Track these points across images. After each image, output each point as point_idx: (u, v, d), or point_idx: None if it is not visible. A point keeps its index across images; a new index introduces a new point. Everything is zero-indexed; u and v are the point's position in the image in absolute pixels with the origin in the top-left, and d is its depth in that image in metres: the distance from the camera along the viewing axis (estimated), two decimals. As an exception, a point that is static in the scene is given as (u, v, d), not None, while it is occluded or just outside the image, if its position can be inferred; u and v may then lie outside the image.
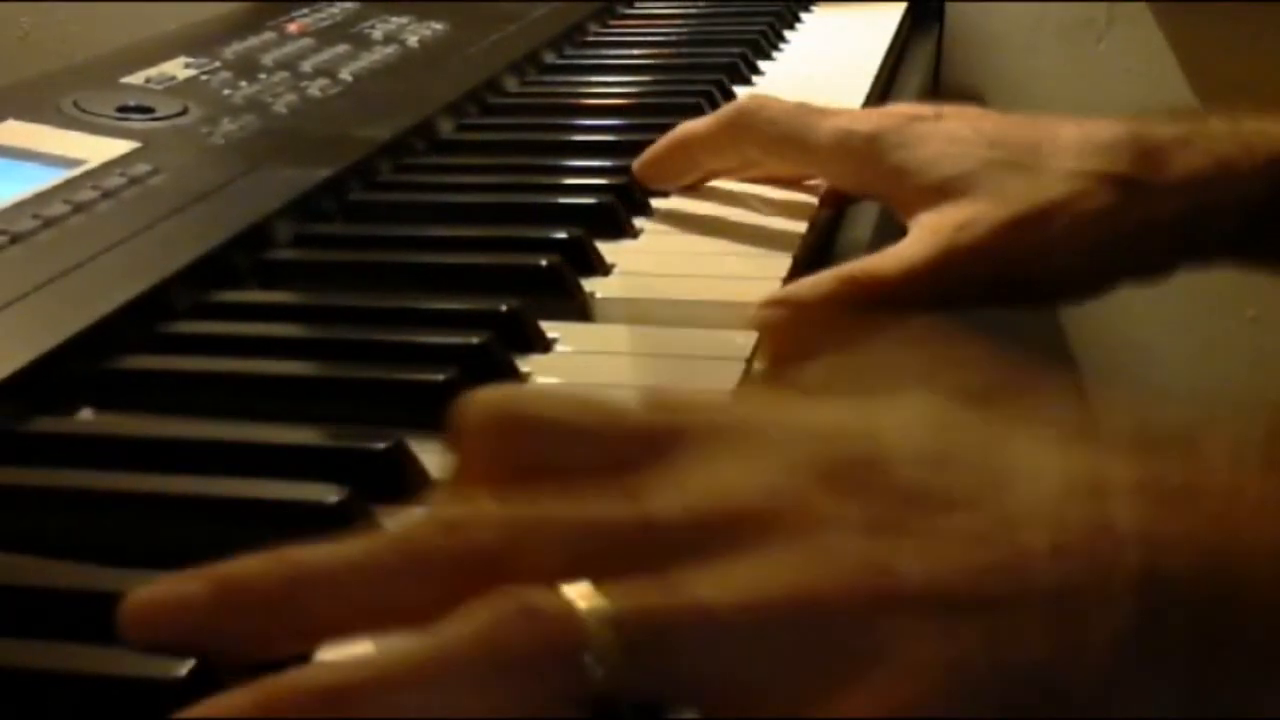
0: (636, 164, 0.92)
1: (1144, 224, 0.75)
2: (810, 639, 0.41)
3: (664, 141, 0.91)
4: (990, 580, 0.42)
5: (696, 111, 1.02)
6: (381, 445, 0.58)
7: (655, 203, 0.91)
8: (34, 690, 0.45)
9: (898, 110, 0.83)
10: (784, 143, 0.84)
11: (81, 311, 0.68)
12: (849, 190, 0.87)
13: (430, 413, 0.62)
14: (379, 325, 0.73)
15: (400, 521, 0.49)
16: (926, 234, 0.75)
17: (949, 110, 0.82)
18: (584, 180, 0.94)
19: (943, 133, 0.80)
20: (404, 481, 0.58)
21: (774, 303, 0.73)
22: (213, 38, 1.17)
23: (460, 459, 0.48)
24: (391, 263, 0.81)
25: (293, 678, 0.41)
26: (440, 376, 0.64)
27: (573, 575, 0.42)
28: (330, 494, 0.54)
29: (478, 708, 0.40)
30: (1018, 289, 0.76)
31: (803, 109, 0.84)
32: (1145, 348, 1.90)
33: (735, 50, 1.27)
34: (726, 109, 0.88)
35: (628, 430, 0.47)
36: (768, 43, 1.36)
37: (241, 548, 0.53)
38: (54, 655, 0.46)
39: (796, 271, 0.80)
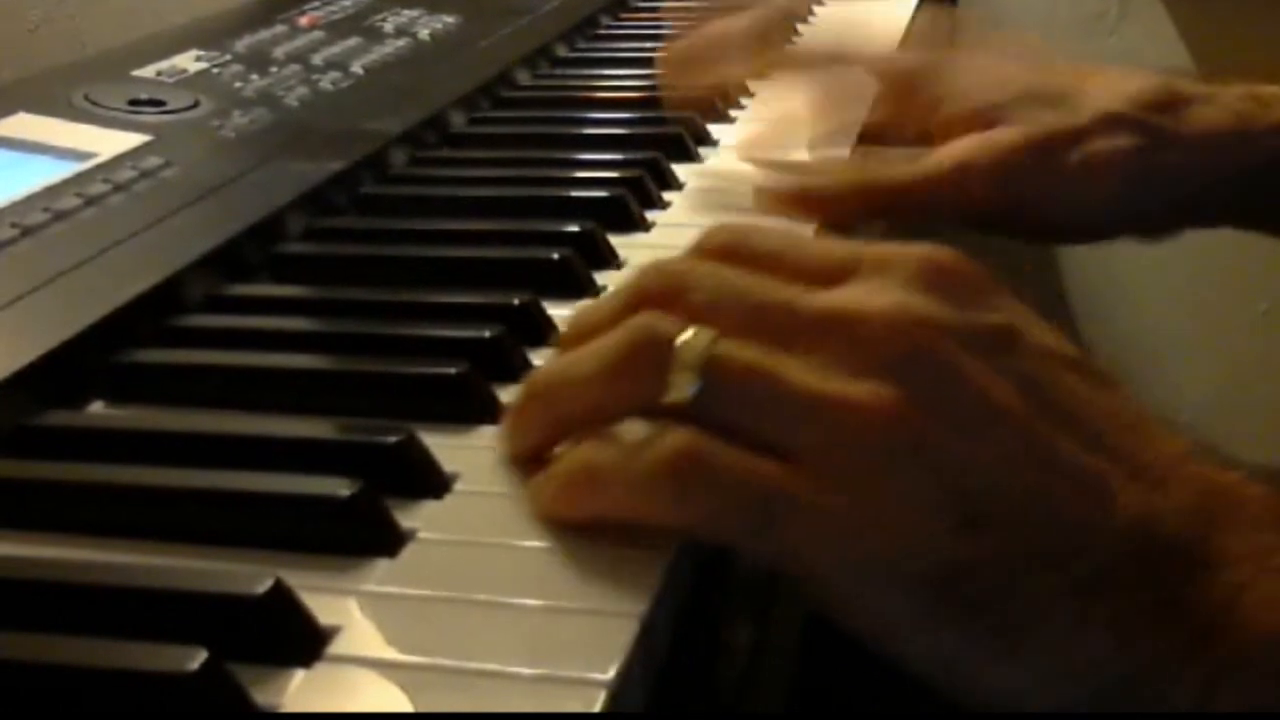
0: (661, 61, 0.94)
1: (1160, 171, 0.79)
2: (838, 436, 0.49)
3: (697, 37, 0.91)
4: (1005, 478, 0.49)
5: (707, 104, 1.02)
6: (393, 439, 0.58)
7: (668, 195, 0.91)
8: (46, 685, 0.45)
9: (936, 44, 0.86)
10: (825, 56, 0.89)
11: (93, 305, 0.68)
12: (887, 118, 0.88)
13: (442, 406, 0.62)
14: (390, 319, 0.72)
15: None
16: (945, 151, 0.79)
17: (985, 42, 0.87)
18: (596, 173, 0.93)
19: (979, 65, 0.83)
20: (416, 475, 0.58)
21: (790, 197, 0.79)
22: (224, 31, 1.17)
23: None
24: (403, 256, 0.81)
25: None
26: (452, 370, 0.64)
27: (710, 323, 0.52)
28: (342, 488, 0.54)
29: (596, 396, 0.54)
30: (1030, 215, 0.79)
31: (842, 44, 0.91)
32: (1157, 342, 1.90)
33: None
34: (769, 9, 0.92)
35: (816, 253, 0.56)
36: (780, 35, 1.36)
37: (253, 542, 0.54)
38: (66, 650, 0.46)
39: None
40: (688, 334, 0.52)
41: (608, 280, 0.77)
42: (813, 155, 0.90)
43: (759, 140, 0.93)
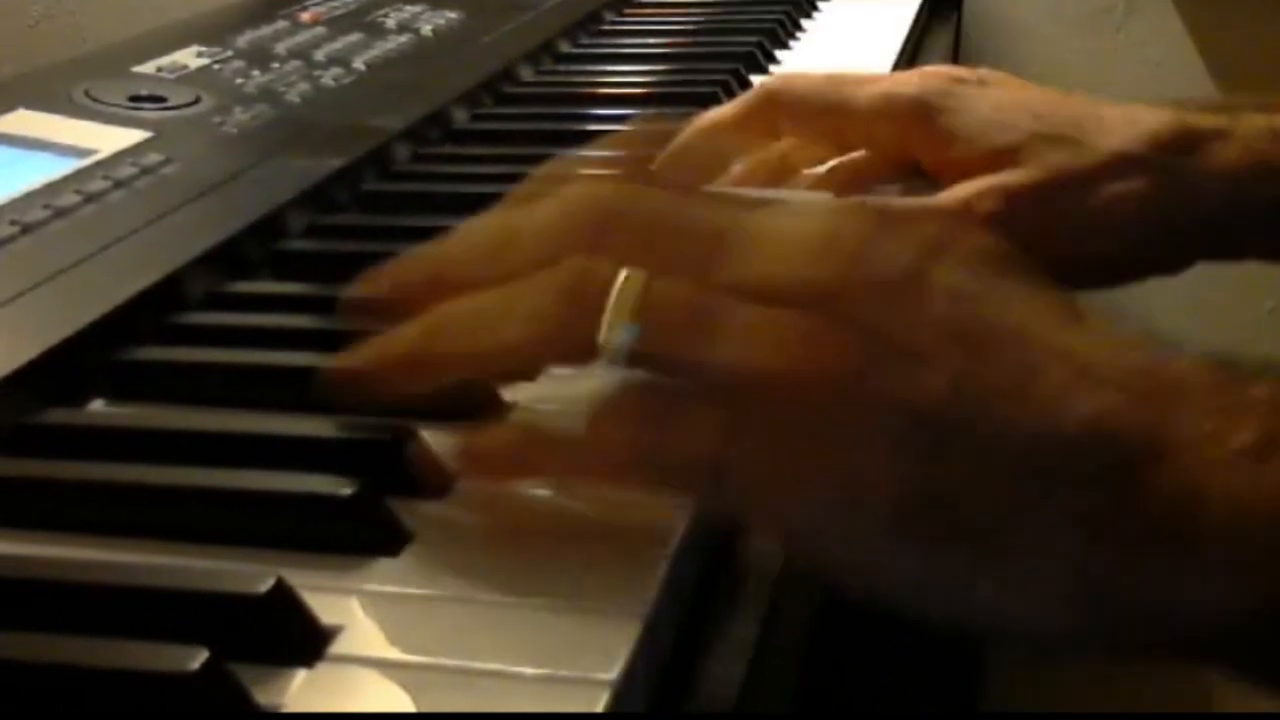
0: (658, 163, 0.85)
1: (1178, 213, 0.77)
2: (772, 387, 0.49)
3: (688, 132, 0.86)
4: (965, 412, 0.49)
5: (713, 101, 1.02)
6: (396, 437, 0.58)
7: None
8: (46, 685, 0.45)
9: (939, 71, 0.83)
10: (823, 113, 0.83)
11: (93, 302, 0.68)
12: (892, 155, 0.84)
13: (445, 404, 0.62)
14: (393, 316, 0.72)
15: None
16: (949, 195, 0.77)
17: (989, 75, 0.82)
18: (599, 171, 0.93)
19: (989, 99, 0.80)
20: (419, 473, 0.58)
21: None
22: (225, 26, 1.17)
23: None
24: (406, 253, 0.81)
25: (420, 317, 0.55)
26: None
27: (642, 261, 0.51)
28: (343, 486, 0.54)
29: (520, 335, 0.52)
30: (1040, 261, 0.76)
31: (835, 78, 0.84)
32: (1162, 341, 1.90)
33: (752, 39, 1.27)
34: (752, 91, 0.86)
35: (723, 202, 0.56)
36: (784, 32, 1.36)
37: (255, 541, 0.54)
38: (66, 649, 0.46)
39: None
40: (623, 275, 0.51)
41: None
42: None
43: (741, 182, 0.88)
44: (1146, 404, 0.50)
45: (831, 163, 0.87)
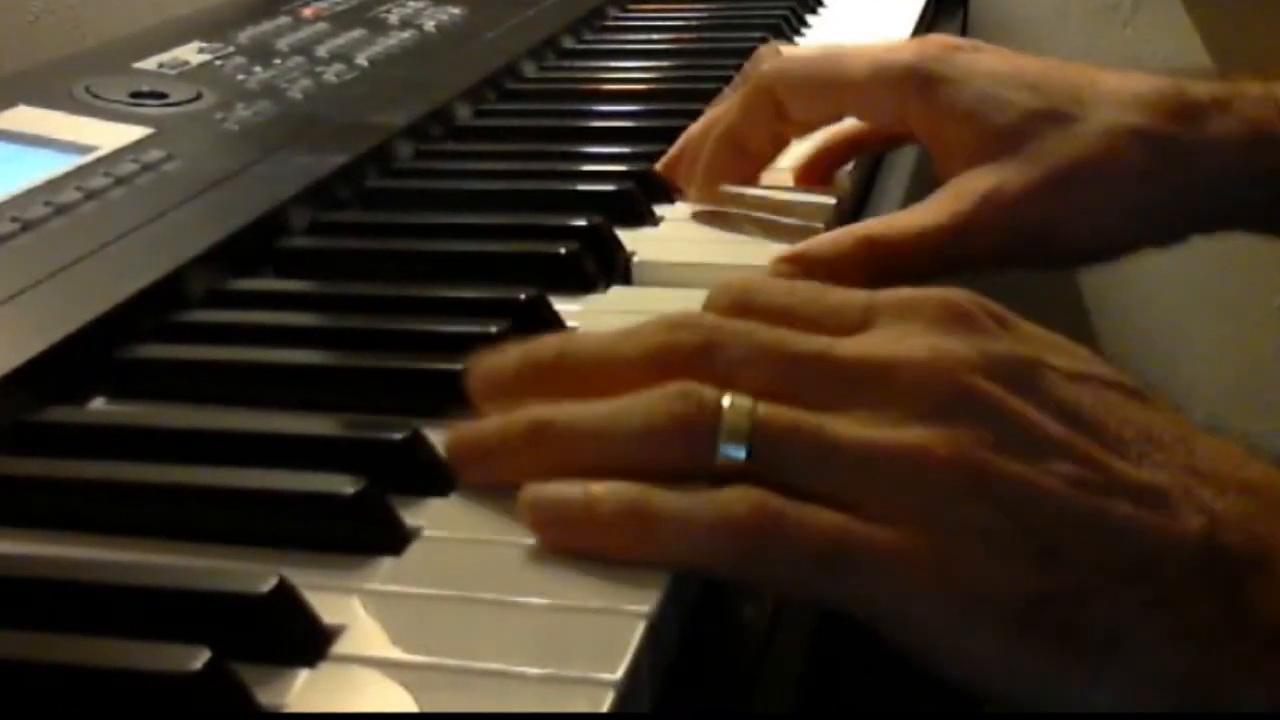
0: (693, 189, 0.88)
1: (1176, 186, 0.76)
2: (902, 482, 0.51)
3: (709, 150, 0.86)
4: (1084, 510, 0.51)
5: (717, 95, 1.02)
6: (399, 436, 0.58)
7: (676, 190, 0.91)
8: (47, 684, 0.45)
9: (934, 39, 0.82)
10: (818, 86, 0.83)
11: (94, 300, 0.68)
12: (887, 125, 0.84)
13: (448, 403, 0.62)
14: (396, 314, 0.72)
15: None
16: (950, 198, 0.76)
17: (983, 45, 0.82)
18: (604, 167, 0.94)
19: (985, 69, 0.79)
20: (422, 472, 0.58)
21: (790, 259, 0.74)
22: (227, 22, 1.17)
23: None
24: (408, 250, 0.81)
25: (521, 417, 0.56)
26: (458, 366, 0.63)
27: (747, 386, 0.53)
28: (347, 485, 0.54)
29: (631, 458, 0.53)
30: (1042, 250, 0.77)
31: (828, 52, 0.84)
32: (1171, 337, 1.90)
33: (757, 35, 1.27)
34: (748, 83, 0.86)
35: (831, 302, 0.57)
36: (789, 27, 1.36)
37: (257, 540, 0.54)
38: (67, 649, 0.46)
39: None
40: (729, 400, 0.53)
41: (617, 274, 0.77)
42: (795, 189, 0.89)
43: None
44: (1259, 516, 0.52)
45: (818, 136, 0.88)
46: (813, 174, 0.90)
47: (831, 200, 0.86)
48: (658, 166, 0.91)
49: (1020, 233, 0.75)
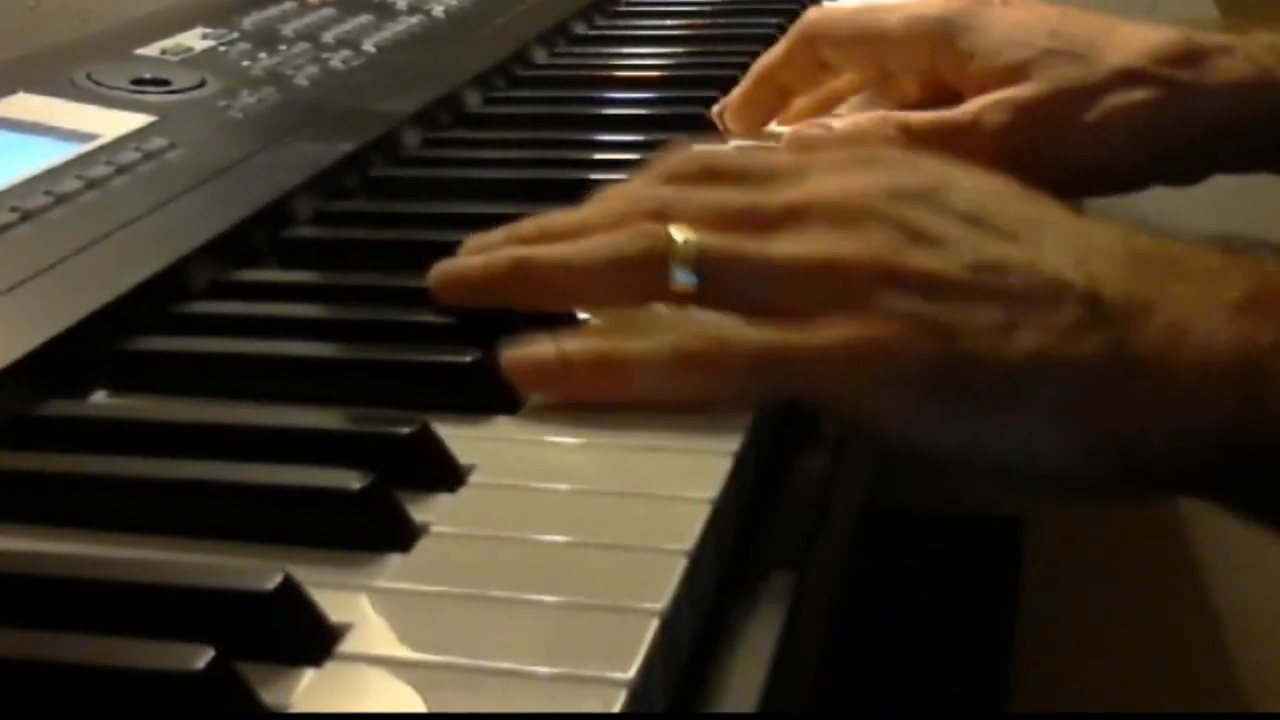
0: (727, 115, 0.98)
1: (1181, 124, 0.85)
2: (825, 287, 0.62)
3: (747, 82, 0.97)
4: (977, 285, 0.61)
5: (732, 83, 1.02)
6: (406, 430, 0.58)
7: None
8: (48, 684, 0.45)
9: None
10: (857, 39, 0.93)
11: (95, 291, 0.68)
12: (924, 76, 0.94)
13: (457, 396, 0.62)
14: (403, 305, 0.72)
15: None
16: (967, 105, 0.87)
17: None
18: (615, 155, 0.93)
19: (1009, 19, 0.89)
20: (429, 467, 0.58)
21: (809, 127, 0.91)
22: (231, 7, 1.17)
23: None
24: (416, 241, 0.81)
25: (502, 253, 0.67)
26: (467, 358, 0.64)
27: (696, 227, 0.64)
28: (353, 480, 0.54)
29: (597, 289, 0.66)
30: (1050, 167, 0.83)
31: (867, 7, 0.94)
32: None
33: (772, 21, 1.27)
34: (791, 31, 0.95)
35: (772, 164, 0.69)
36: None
37: (261, 536, 0.54)
38: (68, 648, 0.46)
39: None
40: (680, 234, 0.64)
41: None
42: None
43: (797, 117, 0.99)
44: (1146, 270, 0.61)
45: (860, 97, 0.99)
46: None
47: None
48: (714, 110, 0.99)
49: (1029, 141, 0.85)
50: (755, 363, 0.62)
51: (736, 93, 0.98)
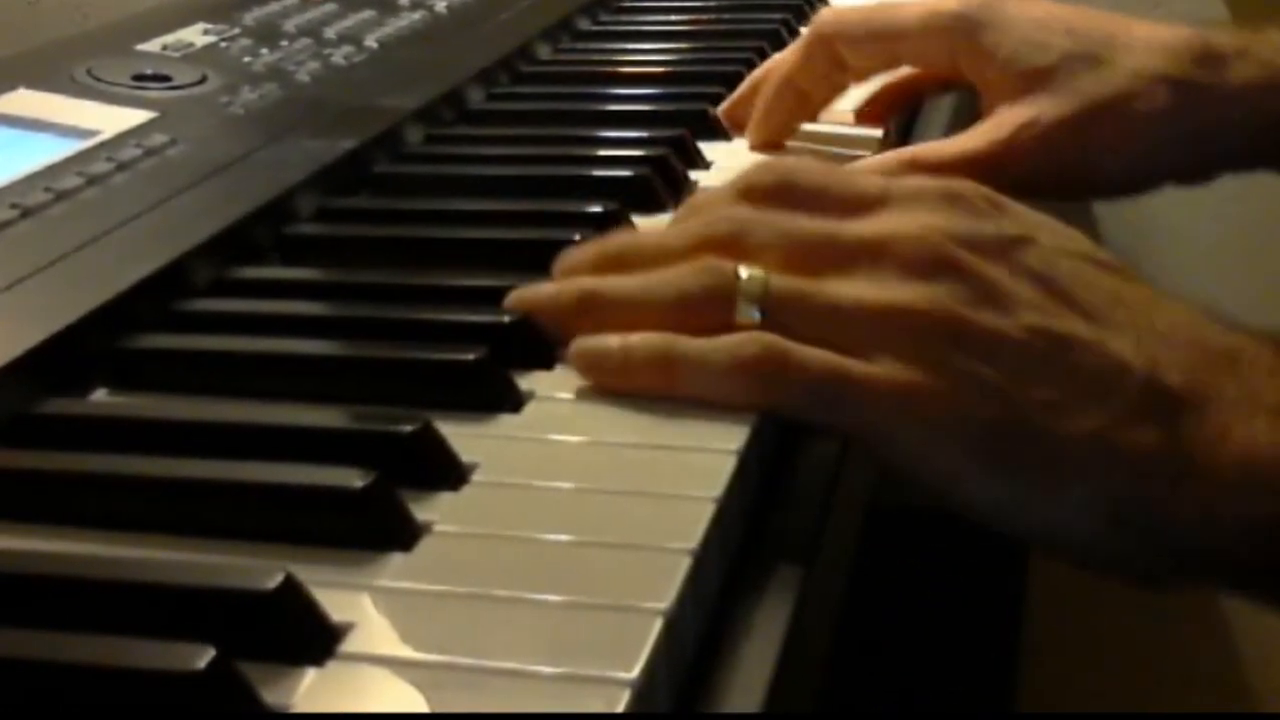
0: (748, 130, 0.97)
1: (1197, 127, 0.87)
2: (888, 334, 0.63)
3: (766, 94, 0.96)
4: (1041, 355, 0.62)
5: (737, 79, 1.02)
6: (409, 428, 0.58)
7: (695, 175, 0.91)
8: (48, 684, 0.45)
9: None
10: (873, 37, 0.93)
11: (96, 288, 0.68)
12: (939, 70, 0.96)
13: (460, 394, 0.62)
14: (406, 303, 0.72)
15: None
16: (990, 127, 0.89)
17: None
18: (619, 152, 0.93)
19: (1027, 15, 0.90)
20: (432, 465, 0.58)
21: None
22: (232, 3, 1.17)
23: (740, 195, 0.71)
24: (419, 238, 0.81)
25: (572, 286, 0.69)
26: (470, 356, 0.64)
27: (767, 263, 0.65)
28: (355, 479, 0.54)
29: (663, 321, 0.65)
30: (1074, 179, 0.88)
31: (881, 5, 0.94)
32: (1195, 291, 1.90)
33: (777, 16, 1.27)
34: (806, 33, 0.96)
35: (854, 189, 0.69)
36: (811, 8, 1.35)
37: (263, 535, 0.54)
38: (68, 647, 0.46)
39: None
40: (746, 271, 0.65)
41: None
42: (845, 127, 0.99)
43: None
44: (1201, 364, 0.63)
45: (875, 82, 1.00)
46: (869, 118, 1.01)
47: (878, 133, 0.98)
48: (719, 110, 1.00)
49: (1053, 160, 0.86)
50: (811, 382, 0.62)
51: (759, 106, 0.97)
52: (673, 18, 1.34)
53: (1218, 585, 0.68)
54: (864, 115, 1.01)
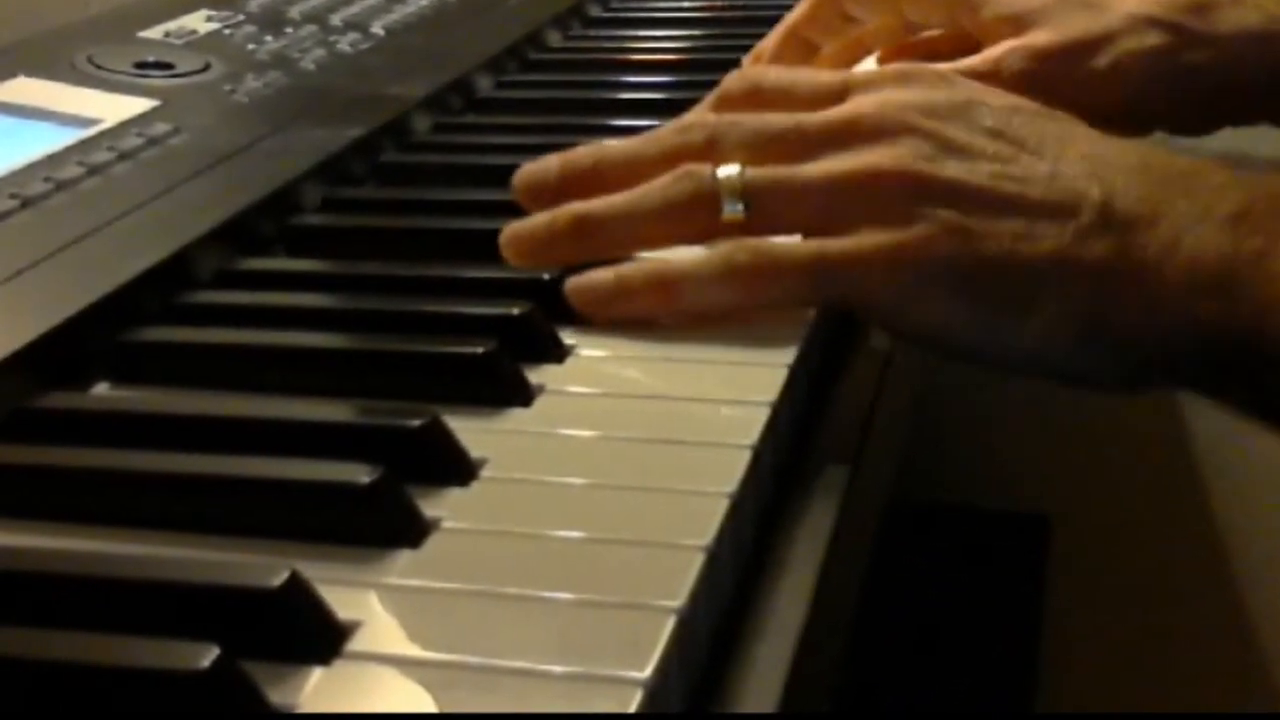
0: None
1: (1188, 71, 0.91)
2: (862, 199, 0.68)
3: (773, 39, 1.03)
4: (1002, 194, 0.68)
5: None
6: (417, 422, 0.58)
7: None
8: (48, 683, 0.45)
9: None
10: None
11: (97, 280, 0.68)
12: (939, 24, 1.00)
13: (468, 387, 0.62)
14: (413, 295, 0.72)
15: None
16: (982, 55, 0.92)
17: None
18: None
19: None
20: (440, 461, 0.58)
21: None
22: (236, -11, 1.17)
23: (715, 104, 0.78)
24: (426, 228, 0.81)
25: (564, 212, 0.73)
26: (479, 349, 0.64)
27: (742, 161, 0.70)
28: (362, 474, 0.54)
29: (655, 233, 0.72)
30: (1068, 109, 0.87)
31: None
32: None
33: (789, 1, 1.26)
34: None
35: (817, 82, 0.76)
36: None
37: (268, 532, 0.54)
38: (69, 646, 0.46)
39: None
40: (723, 170, 0.70)
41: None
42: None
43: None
44: (1156, 183, 0.67)
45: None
46: None
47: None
48: (744, 62, 1.05)
49: (1046, 83, 0.88)
50: (802, 270, 0.69)
51: (763, 50, 1.03)
52: (686, 4, 1.34)
53: (1177, 386, 0.72)
54: None
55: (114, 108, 0.90)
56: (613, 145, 0.77)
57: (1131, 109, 0.91)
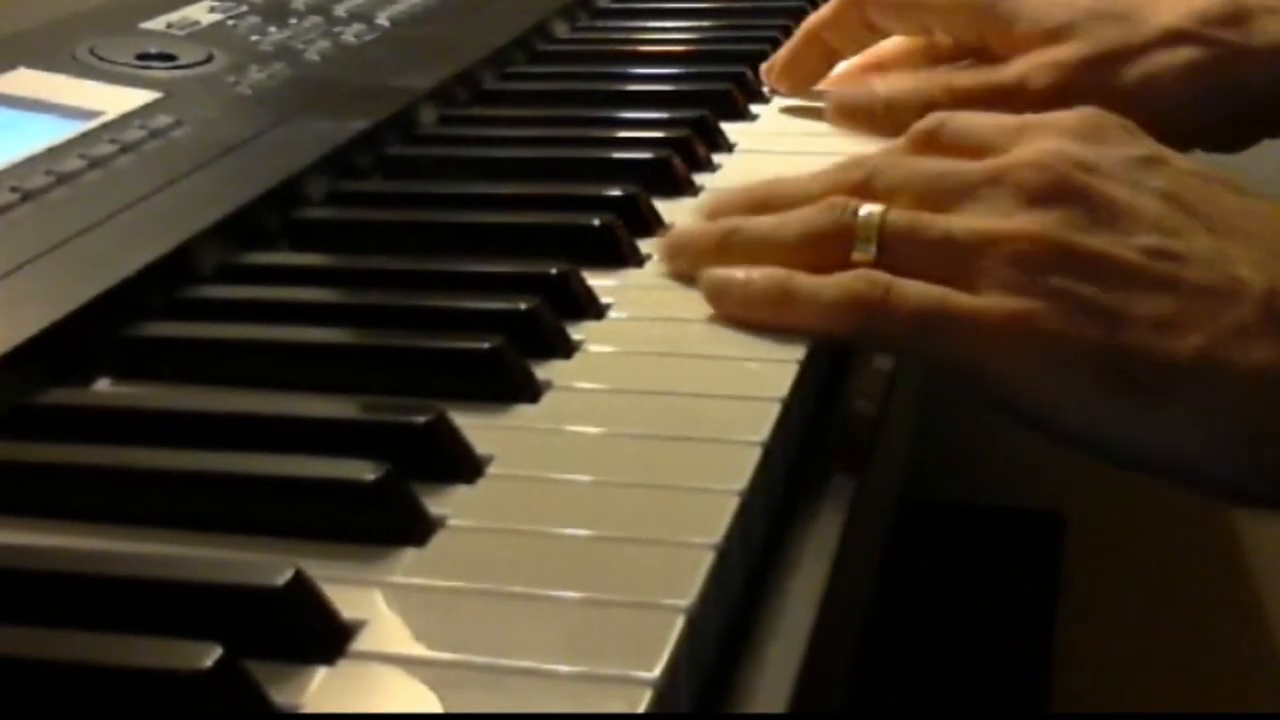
0: (773, 74, 1.03)
1: (1225, 86, 0.89)
2: (997, 260, 0.65)
3: (794, 40, 1.02)
4: (1153, 273, 0.64)
5: (761, 58, 1.02)
6: (422, 419, 0.58)
7: (718, 158, 0.91)
8: (49, 683, 0.45)
9: None
10: (903, 3, 0.98)
11: (99, 274, 0.68)
12: (969, 40, 0.98)
13: (475, 384, 0.62)
14: (419, 289, 0.72)
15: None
16: (1010, 67, 0.92)
17: None
18: (639, 133, 0.93)
19: None
20: (446, 458, 0.58)
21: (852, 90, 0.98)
22: (239, -20, 1.17)
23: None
24: (432, 222, 0.81)
25: (718, 224, 0.75)
26: (485, 345, 0.64)
27: (896, 204, 0.69)
28: (367, 471, 0.54)
29: (791, 255, 0.70)
30: None
31: None
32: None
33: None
34: None
35: (994, 126, 0.74)
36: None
37: (271, 530, 0.54)
38: (70, 646, 0.46)
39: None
40: (865, 209, 0.69)
41: (653, 249, 0.77)
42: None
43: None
44: None
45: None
46: None
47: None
48: (762, 69, 1.04)
49: (1075, 97, 0.84)
50: (916, 316, 0.66)
51: (784, 50, 1.02)
52: (694, -6, 1.34)
53: None
54: None
55: (116, 100, 0.90)
56: (787, 179, 0.77)
57: (1159, 128, 0.85)
